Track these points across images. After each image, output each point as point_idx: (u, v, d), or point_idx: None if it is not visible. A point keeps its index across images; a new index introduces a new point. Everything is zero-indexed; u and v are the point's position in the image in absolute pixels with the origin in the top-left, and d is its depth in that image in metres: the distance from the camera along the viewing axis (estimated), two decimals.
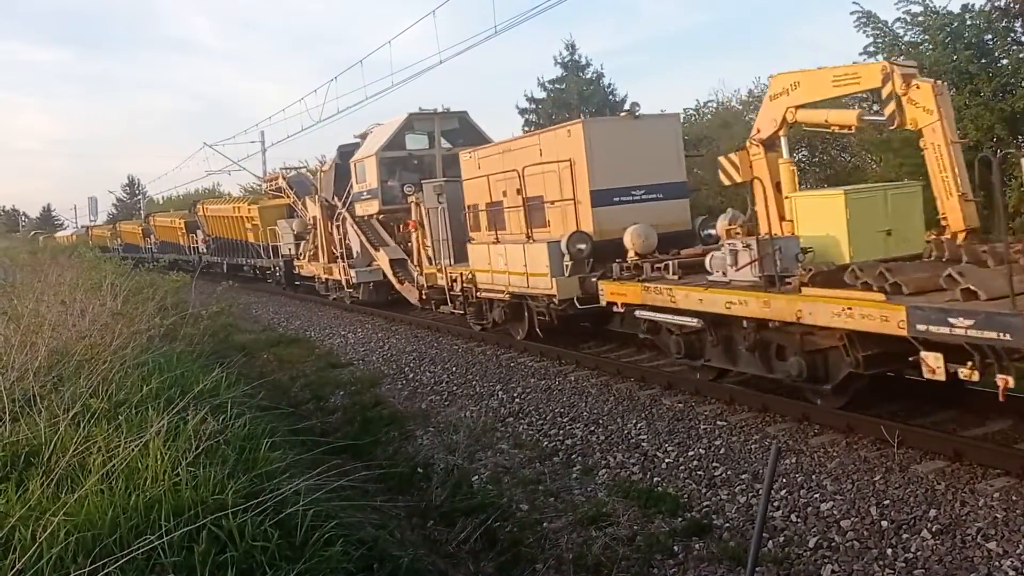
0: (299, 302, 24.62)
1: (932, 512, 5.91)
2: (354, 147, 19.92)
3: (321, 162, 22.78)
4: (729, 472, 7.14)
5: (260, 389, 9.23)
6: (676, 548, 5.87)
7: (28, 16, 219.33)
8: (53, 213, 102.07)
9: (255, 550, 4.47)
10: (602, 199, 11.57)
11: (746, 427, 8.19)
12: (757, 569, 5.30)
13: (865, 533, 5.77)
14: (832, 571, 5.36)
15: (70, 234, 66.85)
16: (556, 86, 32.52)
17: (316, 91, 50.34)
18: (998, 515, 5.72)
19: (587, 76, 32.71)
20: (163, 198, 69.22)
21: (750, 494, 6.62)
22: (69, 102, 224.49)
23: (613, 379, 10.63)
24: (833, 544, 5.68)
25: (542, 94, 32.74)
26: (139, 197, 79.75)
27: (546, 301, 11.82)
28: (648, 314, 9.79)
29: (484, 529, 6.39)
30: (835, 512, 6.12)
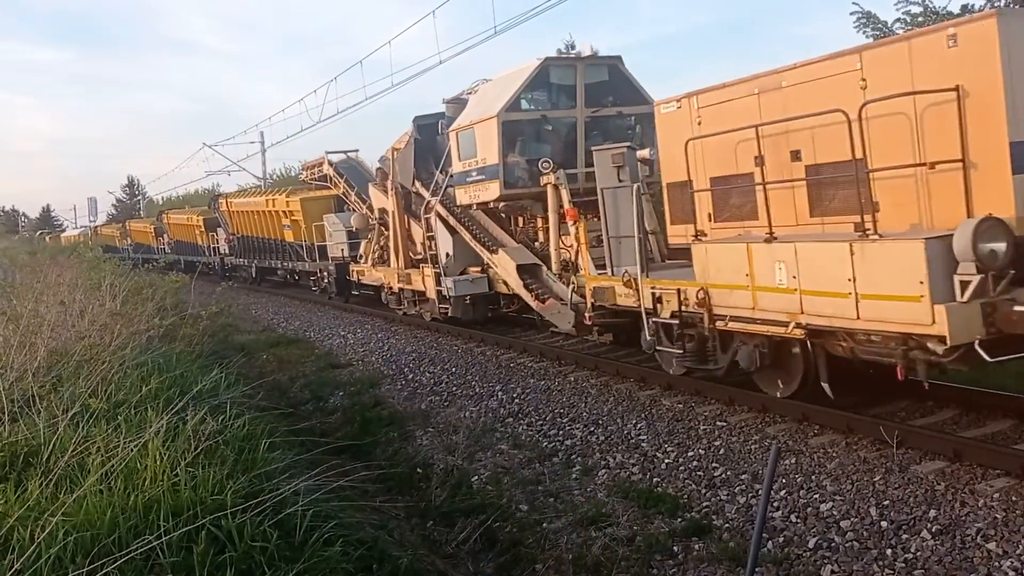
0: (299, 303, 24.57)
1: (932, 512, 5.90)
2: (438, 117, 15.79)
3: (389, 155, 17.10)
4: (729, 472, 7.13)
5: (259, 389, 9.23)
6: (676, 548, 5.86)
7: (28, 16, 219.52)
8: (53, 213, 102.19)
9: (254, 550, 4.47)
10: None
11: (746, 427, 8.18)
12: (757, 569, 5.29)
13: (865, 533, 5.76)
14: (832, 571, 5.36)
15: (76, 234, 64.87)
16: None
17: (316, 91, 50.23)
18: (998, 515, 5.71)
19: None
20: (163, 199, 69.25)
21: (750, 494, 6.62)
22: (69, 102, 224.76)
23: (613, 379, 10.62)
24: (833, 544, 5.68)
25: None
26: (139, 198, 79.83)
27: (901, 345, 6.75)
28: None
29: (484, 529, 6.38)
30: (835, 512, 6.12)
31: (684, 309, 8.70)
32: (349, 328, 18.04)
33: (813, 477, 6.78)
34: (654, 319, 9.24)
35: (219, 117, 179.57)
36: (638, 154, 10.84)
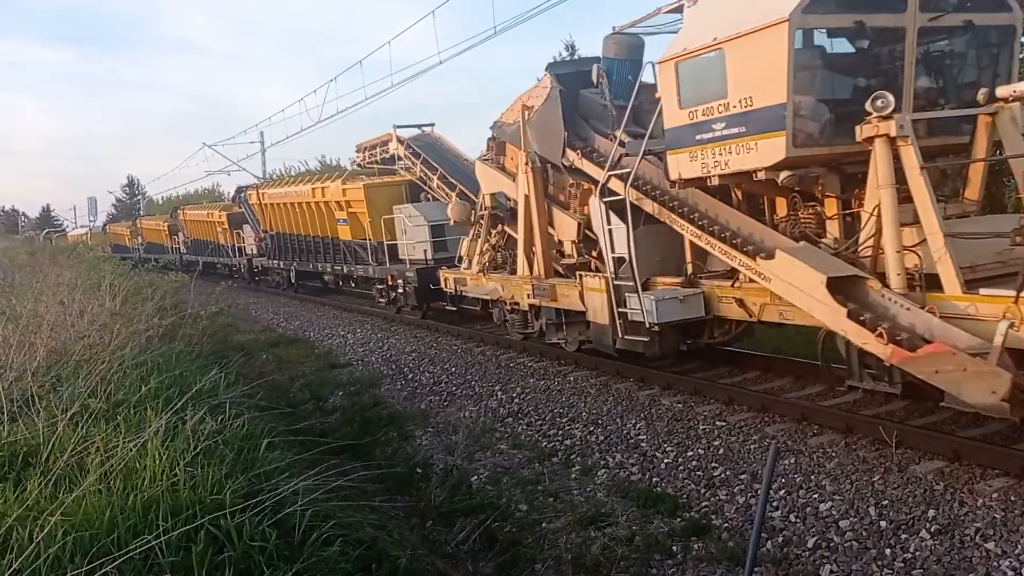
0: (299, 303, 24.54)
1: (931, 512, 5.91)
2: (578, 66, 11.90)
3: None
4: (728, 472, 7.13)
5: (259, 389, 9.22)
6: (675, 548, 5.87)
7: (28, 16, 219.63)
8: (53, 213, 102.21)
9: (253, 550, 4.46)
10: None
11: (745, 427, 8.19)
12: (756, 569, 5.29)
13: (864, 533, 5.77)
14: (831, 571, 5.36)
15: (84, 233, 61.68)
16: None
17: (316, 91, 50.23)
18: (996, 515, 5.72)
19: None
20: (163, 198, 69.24)
21: (749, 494, 6.62)
22: (69, 102, 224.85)
23: (612, 379, 10.62)
24: (832, 544, 5.68)
25: None
26: (139, 198, 79.88)
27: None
28: None
29: (483, 529, 6.38)
30: (834, 512, 6.12)
31: None
32: (349, 328, 18.04)
33: (812, 477, 6.78)
34: None
35: (219, 117, 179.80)
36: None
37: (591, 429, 8.75)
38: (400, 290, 17.52)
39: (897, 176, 6.92)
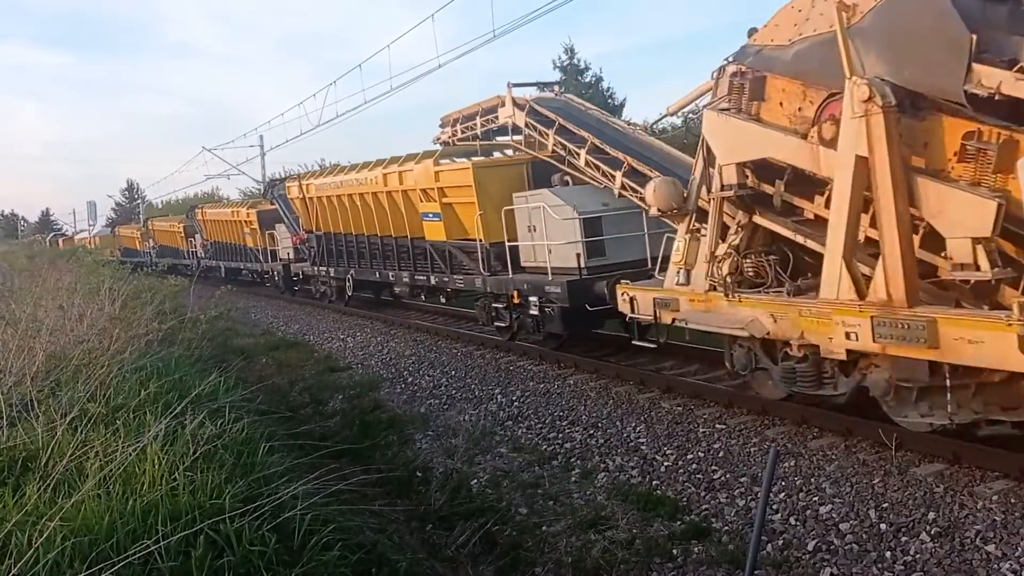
0: (298, 306, 24.52)
1: (931, 515, 5.90)
2: None
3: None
4: (728, 475, 7.13)
5: (258, 393, 9.21)
6: (675, 551, 5.86)
7: (28, 18, 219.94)
8: (52, 217, 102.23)
9: (253, 555, 4.46)
10: None
11: (745, 430, 8.18)
12: (756, 572, 5.28)
13: (864, 536, 5.76)
14: (831, 574, 5.36)
15: (93, 236, 59.22)
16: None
17: (315, 95, 50.21)
18: (997, 518, 5.71)
19: (586, 80, 32.88)
20: (162, 202, 69.25)
21: (749, 497, 6.62)
22: (67, 106, 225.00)
23: (612, 382, 10.62)
24: (832, 547, 5.68)
25: None
26: (138, 202, 79.89)
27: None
28: None
29: (483, 533, 6.38)
30: (834, 515, 6.12)
31: None
32: (348, 331, 18.03)
33: (812, 480, 6.78)
34: None
35: (218, 121, 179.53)
36: None
37: (591, 432, 8.74)
38: (533, 311, 12.28)
39: None
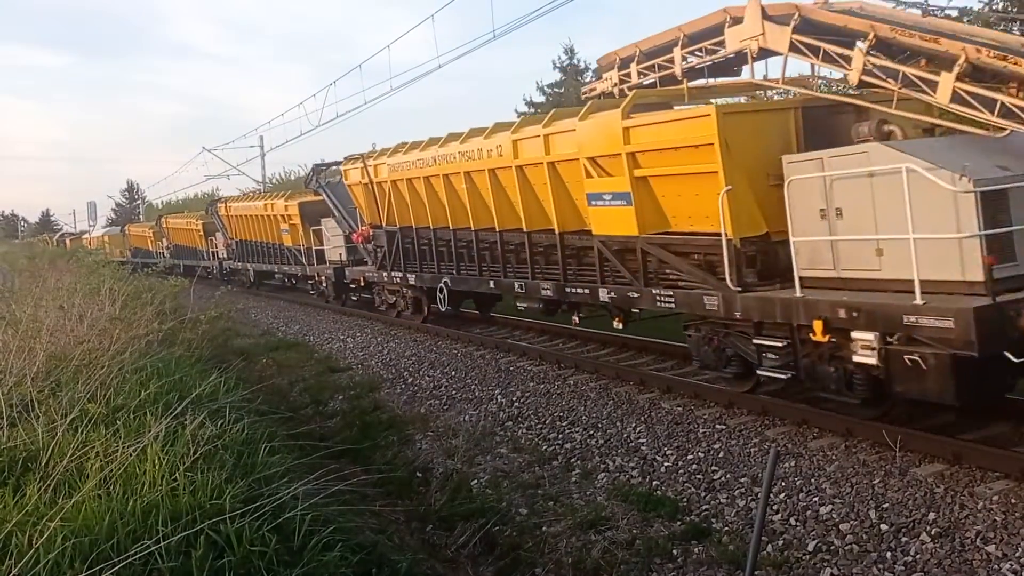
0: (298, 306, 24.53)
1: (931, 515, 5.90)
2: None
3: None
4: (728, 476, 7.13)
5: (259, 394, 9.21)
6: (675, 552, 5.86)
7: (29, 19, 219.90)
8: (52, 218, 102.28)
9: (253, 555, 4.46)
10: None
11: (745, 430, 8.18)
12: (756, 572, 5.28)
13: (864, 536, 5.76)
14: (831, 574, 5.36)
15: (101, 235, 55.58)
16: (555, 90, 32.80)
17: (315, 96, 50.25)
18: (997, 518, 5.71)
19: (586, 79, 32.86)
20: (162, 203, 69.23)
21: (749, 497, 6.61)
22: (68, 106, 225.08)
23: (612, 383, 10.62)
24: (832, 547, 5.68)
25: (541, 98, 33.04)
26: (138, 202, 79.92)
27: None
28: None
29: (483, 533, 6.38)
30: (834, 515, 6.11)
31: None
32: (348, 332, 18.03)
33: (812, 480, 6.78)
34: None
35: (218, 121, 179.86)
36: None
37: (591, 433, 8.74)
38: (865, 357, 7.02)
39: None
